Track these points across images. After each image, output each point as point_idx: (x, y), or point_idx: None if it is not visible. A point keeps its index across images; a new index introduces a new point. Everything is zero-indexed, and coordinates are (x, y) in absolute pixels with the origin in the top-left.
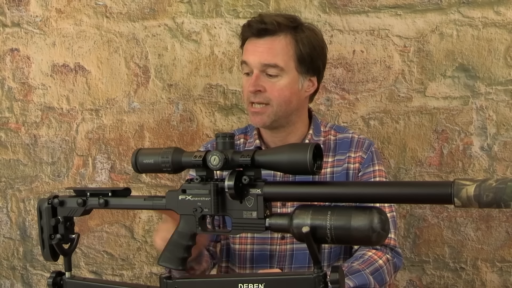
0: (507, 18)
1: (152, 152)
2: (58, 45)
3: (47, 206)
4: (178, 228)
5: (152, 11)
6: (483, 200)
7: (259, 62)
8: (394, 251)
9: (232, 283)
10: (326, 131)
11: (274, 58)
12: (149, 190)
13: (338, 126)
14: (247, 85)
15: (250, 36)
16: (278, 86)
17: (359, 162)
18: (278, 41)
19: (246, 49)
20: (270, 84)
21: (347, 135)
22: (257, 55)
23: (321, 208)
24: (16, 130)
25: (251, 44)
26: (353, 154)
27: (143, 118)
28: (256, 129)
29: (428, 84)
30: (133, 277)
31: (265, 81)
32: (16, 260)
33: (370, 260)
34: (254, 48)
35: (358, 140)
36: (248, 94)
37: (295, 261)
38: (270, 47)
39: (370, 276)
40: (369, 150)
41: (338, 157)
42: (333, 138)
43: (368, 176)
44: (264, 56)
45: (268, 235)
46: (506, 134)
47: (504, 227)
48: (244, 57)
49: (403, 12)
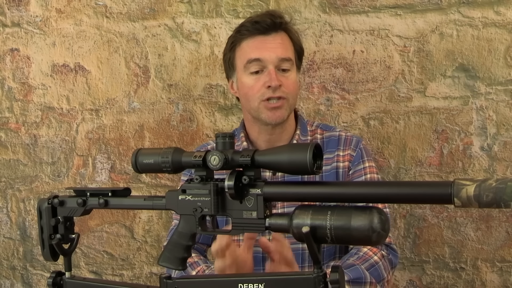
0: (507, 18)
1: (152, 152)
2: (58, 45)
3: (47, 206)
4: (178, 228)
5: (152, 11)
6: (483, 200)
7: (276, 57)
8: (389, 247)
9: (232, 283)
10: (313, 130)
11: (287, 52)
12: (149, 190)
13: (324, 125)
14: (260, 82)
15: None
16: (291, 79)
17: (349, 160)
18: (283, 36)
19: (252, 47)
20: (284, 79)
21: (334, 133)
22: (272, 50)
23: (321, 208)
24: (16, 130)
25: (259, 41)
26: (342, 153)
27: (143, 118)
28: (243, 131)
29: (428, 84)
30: (133, 277)
31: (279, 75)
32: (16, 260)
33: (365, 256)
34: (265, 45)
35: (346, 138)
36: (264, 90)
37: None
38: (281, 42)
39: (366, 271)
40: (357, 147)
41: (326, 155)
42: (319, 137)
43: (359, 174)
44: (279, 50)
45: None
46: (506, 134)
47: (504, 227)
48: (254, 54)
49: (403, 12)
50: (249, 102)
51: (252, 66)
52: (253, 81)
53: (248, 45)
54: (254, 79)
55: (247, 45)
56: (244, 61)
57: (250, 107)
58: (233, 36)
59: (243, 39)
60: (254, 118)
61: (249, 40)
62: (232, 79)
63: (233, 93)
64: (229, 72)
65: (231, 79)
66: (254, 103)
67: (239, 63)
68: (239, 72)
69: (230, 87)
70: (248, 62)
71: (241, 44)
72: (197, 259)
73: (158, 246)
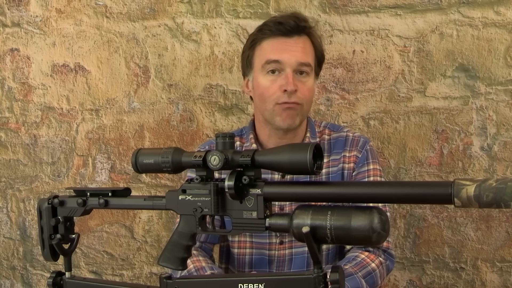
0: (507, 18)
1: (152, 152)
2: (58, 45)
3: (47, 206)
4: (178, 228)
5: (152, 11)
6: (483, 200)
7: (295, 61)
8: (386, 252)
9: (232, 283)
10: (321, 131)
11: (307, 57)
12: (149, 190)
13: (332, 125)
14: (277, 84)
15: (275, 35)
16: (307, 85)
17: (354, 162)
18: (306, 40)
19: (273, 48)
20: (301, 84)
21: (342, 133)
22: (292, 54)
23: (321, 208)
24: (16, 130)
25: (280, 43)
26: (348, 154)
27: (143, 118)
28: (253, 133)
29: (428, 84)
30: (133, 277)
31: (296, 80)
32: (16, 260)
33: (363, 263)
34: (286, 47)
35: (353, 139)
36: (279, 94)
37: (294, 266)
38: (303, 46)
39: (362, 279)
40: (363, 149)
41: (333, 157)
42: (327, 138)
43: (362, 176)
44: (300, 54)
45: (267, 240)
46: (506, 134)
47: (504, 227)
48: (274, 55)
49: (403, 12)
50: (264, 103)
51: (269, 66)
52: (270, 82)
53: (268, 45)
54: (270, 80)
55: (268, 45)
56: (263, 61)
57: (265, 109)
58: (254, 34)
59: (264, 39)
60: (266, 120)
61: (270, 40)
62: (248, 77)
63: (247, 91)
64: (246, 70)
65: (247, 77)
66: (269, 105)
67: (257, 62)
68: (256, 71)
69: (245, 85)
70: (267, 63)
71: (262, 43)
72: (205, 264)
73: (158, 246)
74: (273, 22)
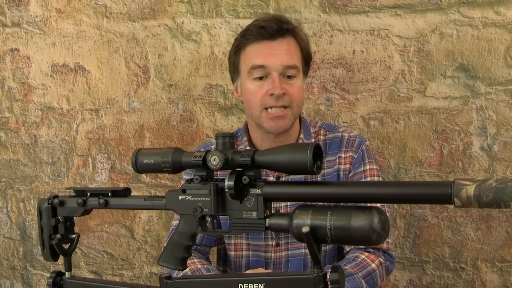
0: (507, 18)
1: (152, 152)
2: (58, 45)
3: (47, 206)
4: (178, 228)
5: (152, 11)
6: (483, 200)
7: (281, 64)
8: (387, 254)
9: (232, 283)
10: (316, 131)
11: (293, 59)
12: (149, 190)
13: (328, 125)
14: (264, 89)
15: (258, 40)
16: (296, 87)
17: (350, 163)
18: (290, 42)
19: (257, 53)
20: (289, 86)
21: (337, 134)
22: (277, 57)
23: (321, 208)
24: (16, 130)
25: (264, 47)
26: (343, 154)
27: (143, 118)
28: (247, 135)
29: (428, 84)
30: (133, 277)
31: (284, 83)
32: (16, 260)
33: (363, 264)
34: (270, 51)
35: (348, 139)
36: (265, 98)
37: (291, 268)
38: (287, 48)
39: (362, 279)
40: (359, 149)
41: (328, 158)
42: (322, 138)
43: (358, 177)
44: (285, 57)
45: (263, 243)
46: (506, 134)
47: (504, 227)
48: (258, 60)
49: (403, 12)
50: (251, 109)
51: (256, 72)
52: (256, 87)
53: (253, 50)
54: (257, 85)
55: (252, 50)
56: (248, 67)
57: (252, 114)
58: (238, 39)
59: (248, 44)
60: (257, 124)
61: (254, 45)
62: (237, 82)
63: (237, 96)
64: (234, 75)
65: (236, 82)
66: (256, 111)
67: (243, 67)
68: (243, 76)
69: (234, 90)
70: (252, 68)
71: (246, 48)
72: (200, 266)
73: (158, 246)
74: (256, 27)
